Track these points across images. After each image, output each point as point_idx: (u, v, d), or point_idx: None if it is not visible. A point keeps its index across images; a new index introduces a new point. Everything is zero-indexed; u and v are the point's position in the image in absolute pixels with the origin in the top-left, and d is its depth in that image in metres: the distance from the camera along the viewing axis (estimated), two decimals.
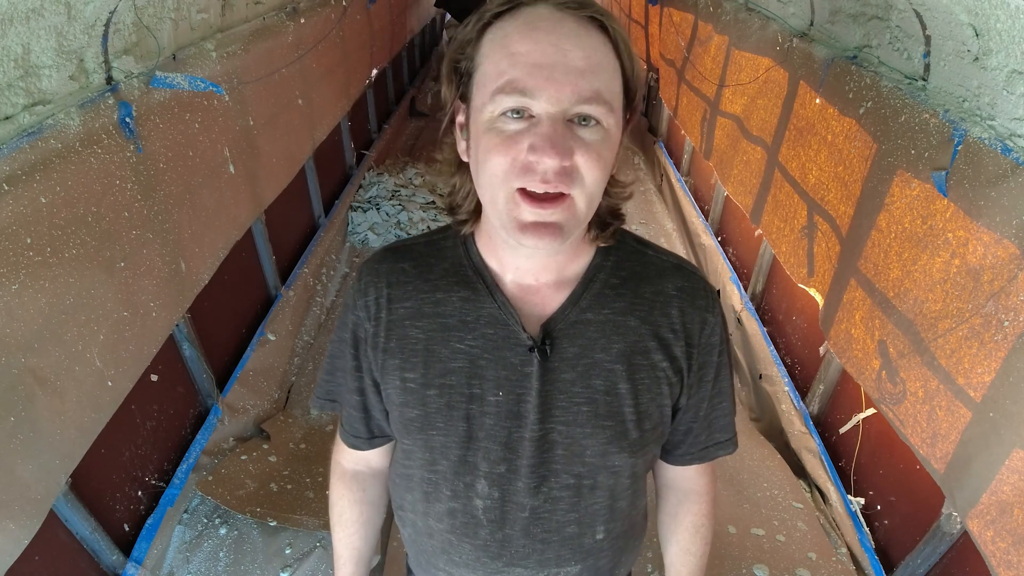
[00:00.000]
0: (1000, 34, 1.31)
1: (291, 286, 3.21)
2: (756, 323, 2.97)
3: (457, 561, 0.83)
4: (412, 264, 0.80)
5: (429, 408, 0.77)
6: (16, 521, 1.29)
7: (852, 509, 2.11)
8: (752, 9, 2.96)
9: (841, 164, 2.06)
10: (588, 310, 0.76)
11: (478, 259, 0.78)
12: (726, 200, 3.65)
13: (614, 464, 0.78)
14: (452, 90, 0.71)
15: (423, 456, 0.80)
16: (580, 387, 0.75)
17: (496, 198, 0.66)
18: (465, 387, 0.76)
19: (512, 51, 0.63)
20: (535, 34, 0.62)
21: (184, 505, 2.09)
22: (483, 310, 0.76)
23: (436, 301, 0.78)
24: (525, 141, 0.63)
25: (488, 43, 0.66)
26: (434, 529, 0.83)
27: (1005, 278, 1.33)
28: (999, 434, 1.33)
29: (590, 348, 0.75)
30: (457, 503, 0.80)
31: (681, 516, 0.94)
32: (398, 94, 6.42)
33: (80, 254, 1.49)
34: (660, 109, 5.27)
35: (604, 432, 0.76)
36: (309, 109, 3.24)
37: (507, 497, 0.78)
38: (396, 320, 0.78)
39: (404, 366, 0.78)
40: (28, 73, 1.37)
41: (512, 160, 0.63)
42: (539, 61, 0.62)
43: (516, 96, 0.62)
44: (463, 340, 0.76)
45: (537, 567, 0.82)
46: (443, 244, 0.81)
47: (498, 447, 0.76)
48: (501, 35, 0.65)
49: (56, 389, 1.41)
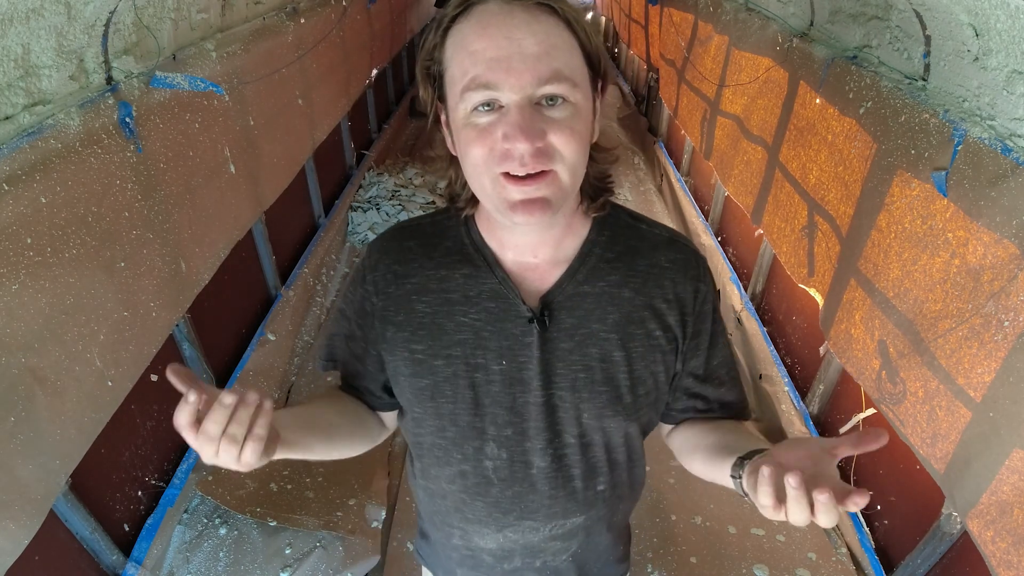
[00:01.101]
0: (1000, 34, 1.31)
1: (291, 286, 3.21)
2: (756, 323, 2.97)
3: (471, 518, 0.90)
4: (418, 243, 0.85)
5: (437, 377, 0.82)
6: (16, 521, 1.29)
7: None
8: (752, 9, 2.96)
9: (841, 164, 2.06)
10: (584, 283, 0.81)
11: (479, 238, 0.83)
12: (726, 200, 3.65)
13: (609, 426, 0.84)
14: (429, 92, 0.75)
15: (433, 423, 0.85)
16: (577, 355, 0.80)
17: (483, 184, 0.71)
18: (470, 357, 0.81)
19: (471, 50, 0.67)
20: (488, 31, 0.66)
21: (184, 505, 2.09)
22: (485, 285, 0.81)
23: (440, 278, 0.83)
24: (498, 131, 0.67)
25: (451, 46, 0.70)
26: (447, 491, 0.89)
27: (1005, 278, 1.33)
28: (999, 434, 1.33)
29: (586, 319, 0.80)
30: (467, 465, 0.85)
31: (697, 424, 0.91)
32: (398, 94, 6.43)
33: (80, 254, 1.49)
34: (660, 109, 5.27)
35: (600, 397, 0.81)
36: (309, 109, 3.24)
37: (515, 457, 0.84)
38: (403, 295, 0.83)
39: (412, 338, 0.83)
40: (28, 73, 1.37)
41: (490, 149, 0.68)
42: (496, 55, 0.66)
43: (482, 91, 0.66)
44: (467, 314, 0.81)
45: (545, 520, 0.88)
46: (446, 224, 0.86)
47: (504, 412, 0.82)
48: (460, 37, 0.69)
49: (56, 389, 1.41)
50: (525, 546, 0.91)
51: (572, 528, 0.90)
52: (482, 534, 0.91)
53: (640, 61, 6.02)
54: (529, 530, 0.89)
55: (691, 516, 2.20)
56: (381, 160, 5.13)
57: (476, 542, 0.92)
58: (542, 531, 0.89)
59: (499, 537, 0.90)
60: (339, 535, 2.03)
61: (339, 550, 1.99)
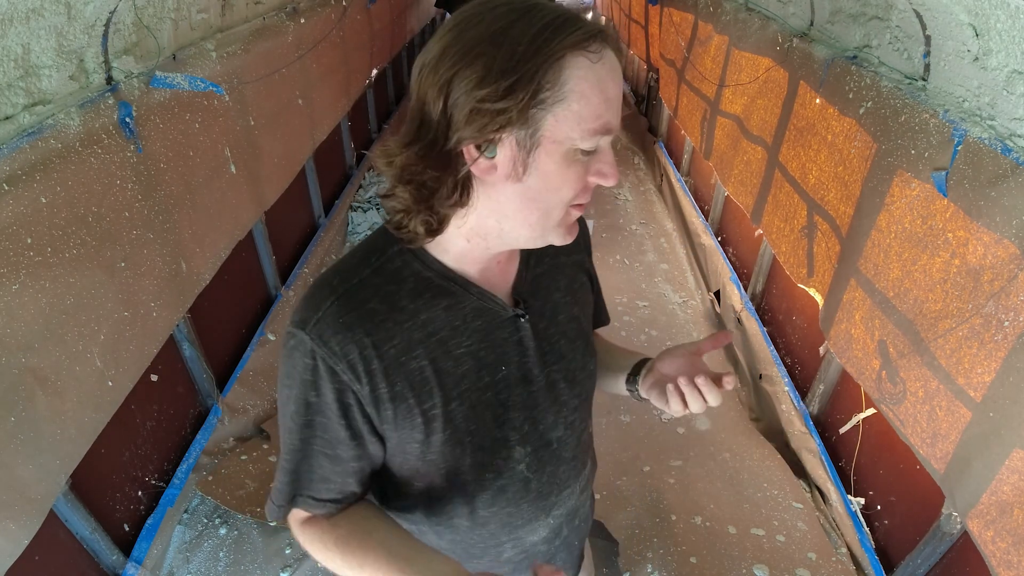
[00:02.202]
0: (1000, 34, 1.31)
1: (291, 286, 3.21)
2: (756, 323, 2.97)
3: (519, 524, 0.91)
4: (377, 300, 0.75)
5: (456, 420, 0.79)
6: (16, 521, 1.29)
7: (852, 509, 2.11)
8: (752, 9, 2.96)
9: (841, 164, 2.06)
10: (536, 266, 0.88)
11: (440, 267, 0.77)
12: (726, 200, 3.65)
13: (590, 365, 0.94)
14: (513, 102, 0.63)
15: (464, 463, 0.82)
16: (554, 328, 0.88)
17: (552, 215, 0.72)
18: (477, 381, 0.81)
19: (608, 96, 0.67)
20: (613, 75, 0.68)
21: (184, 505, 2.09)
22: (467, 308, 0.80)
23: (422, 323, 0.76)
24: (593, 166, 0.71)
25: (576, 78, 0.64)
26: (486, 517, 0.89)
27: (1005, 278, 1.33)
28: (999, 434, 1.33)
29: (549, 294, 0.89)
30: (503, 479, 0.87)
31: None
32: (398, 94, 6.43)
33: (80, 254, 1.49)
34: (660, 109, 5.27)
35: (579, 349, 0.91)
36: (309, 109, 3.24)
37: (538, 445, 0.88)
38: (391, 362, 0.74)
39: (419, 399, 0.76)
40: (28, 73, 1.37)
41: (583, 184, 0.71)
42: (613, 102, 0.69)
43: (606, 137, 0.69)
44: (460, 344, 0.79)
45: (574, 479, 0.96)
46: (391, 267, 0.77)
47: (518, 412, 0.85)
48: (595, 77, 0.66)
49: (56, 389, 1.41)
50: (567, 514, 0.97)
51: (588, 472, 1.01)
52: (534, 529, 0.94)
53: (640, 61, 6.02)
54: (568, 497, 0.96)
55: (691, 516, 2.20)
56: None
57: (530, 540, 0.95)
58: (575, 491, 0.97)
59: (549, 521, 0.95)
60: None
61: None
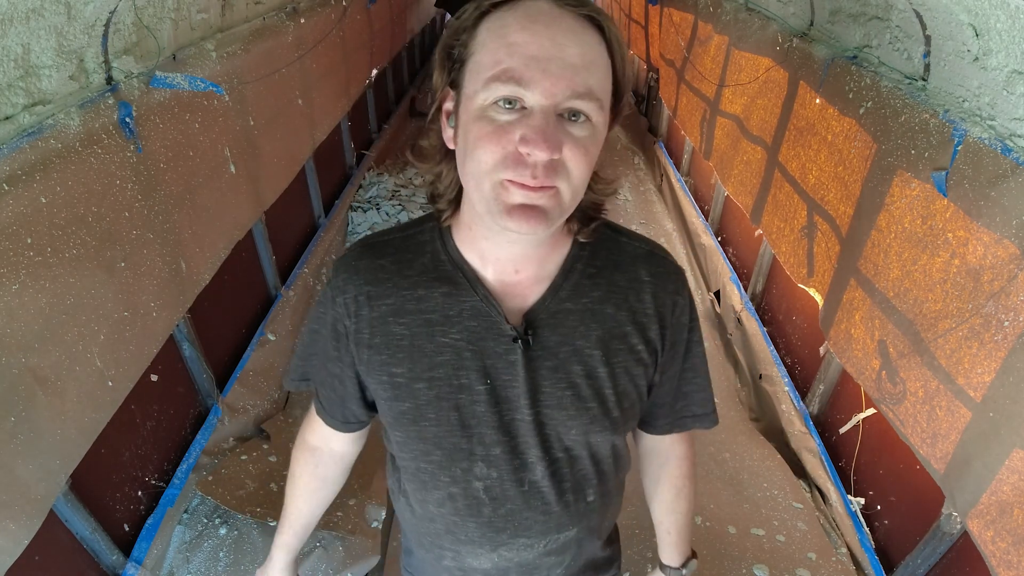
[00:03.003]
0: (1000, 34, 1.31)
1: (291, 286, 3.21)
2: (756, 323, 2.97)
3: (463, 539, 0.87)
4: (391, 260, 0.81)
5: (419, 400, 0.79)
6: (16, 521, 1.29)
7: (852, 509, 2.11)
8: (752, 9, 2.96)
9: (841, 164, 2.06)
10: (567, 300, 0.79)
11: (457, 254, 0.80)
12: (726, 200, 3.65)
13: (596, 440, 0.83)
14: (443, 76, 0.71)
15: (417, 447, 0.83)
16: (562, 373, 0.79)
17: (482, 186, 0.67)
18: (453, 378, 0.78)
19: (510, 41, 0.64)
20: (534, 26, 0.63)
21: (184, 505, 2.09)
22: (465, 304, 0.78)
23: (418, 298, 0.79)
24: (516, 132, 0.63)
25: (485, 31, 0.66)
26: (435, 514, 0.87)
27: (1005, 278, 1.33)
28: (999, 434, 1.33)
29: (570, 335, 0.79)
30: (456, 488, 0.83)
31: (663, 479, 1.01)
32: (398, 94, 6.42)
33: (80, 254, 1.49)
34: (660, 109, 5.27)
35: (587, 413, 0.80)
36: (309, 109, 3.24)
37: (505, 476, 0.82)
38: (379, 317, 0.80)
39: (390, 362, 0.80)
40: (28, 73, 1.37)
41: (503, 150, 0.64)
42: (536, 53, 0.63)
43: (511, 85, 0.63)
44: (447, 334, 0.78)
45: (540, 536, 0.86)
46: (419, 239, 0.82)
47: (492, 431, 0.80)
48: (499, 24, 0.65)
49: (56, 389, 1.41)
50: (520, 564, 0.89)
51: (566, 542, 0.89)
52: (476, 555, 0.88)
53: (640, 61, 6.02)
54: (524, 547, 0.87)
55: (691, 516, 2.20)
56: (381, 160, 5.13)
57: (469, 563, 0.90)
58: (537, 547, 0.88)
59: (494, 557, 0.88)
60: (339, 535, 2.03)
61: (339, 550, 1.99)
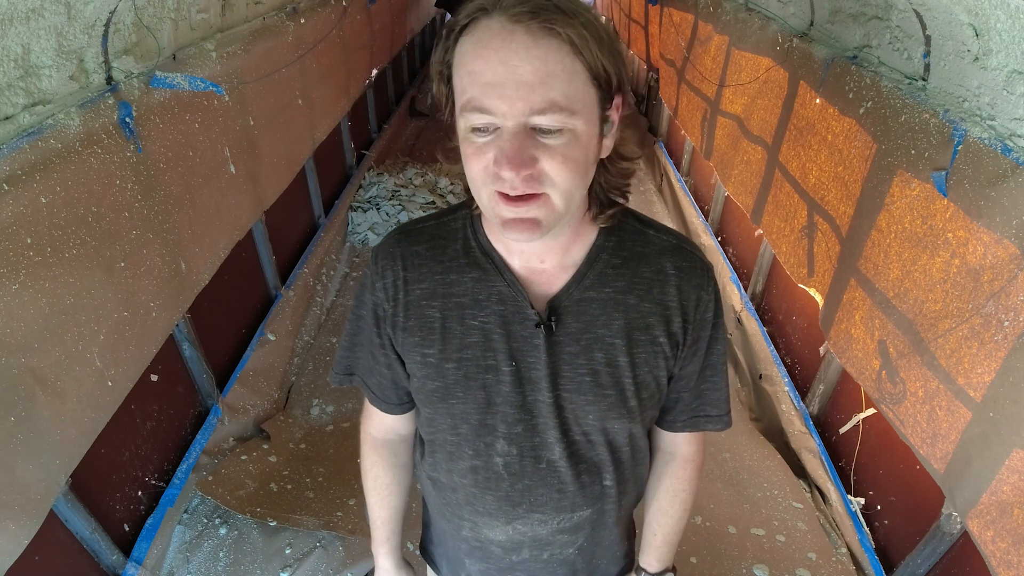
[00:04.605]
0: (1000, 34, 1.31)
1: (291, 286, 3.21)
2: (756, 323, 2.97)
3: (481, 511, 0.92)
4: (426, 247, 0.86)
5: (448, 380, 0.84)
6: (16, 521, 1.29)
7: (852, 509, 2.11)
8: (752, 9, 2.96)
9: (841, 164, 2.06)
10: (591, 289, 0.82)
11: (486, 242, 0.84)
12: (726, 200, 3.65)
13: (613, 427, 0.86)
14: (444, 91, 0.75)
15: (445, 422, 0.88)
16: (583, 359, 0.82)
17: (480, 196, 0.73)
18: (480, 359, 0.83)
19: (470, 70, 0.66)
20: (485, 52, 0.65)
21: (184, 505, 2.09)
22: (493, 289, 0.83)
23: (450, 282, 0.84)
24: (490, 153, 0.68)
25: (456, 57, 0.69)
26: (458, 484, 0.92)
27: (1005, 278, 1.33)
28: (999, 434, 1.33)
29: (592, 324, 0.82)
30: (479, 460, 0.88)
31: (664, 478, 1.01)
32: (398, 94, 6.43)
33: (80, 254, 1.49)
34: (660, 109, 5.27)
35: (605, 400, 0.83)
36: (309, 109, 3.24)
37: (524, 453, 0.86)
38: (413, 300, 0.85)
39: (423, 343, 0.85)
40: (28, 73, 1.37)
41: (485, 168, 0.69)
42: (491, 80, 0.65)
43: (477, 114, 0.67)
44: (476, 317, 0.83)
45: (554, 513, 0.91)
46: (453, 226, 0.87)
47: (514, 410, 0.84)
48: (462, 52, 0.68)
49: (56, 389, 1.41)
50: (533, 538, 0.94)
51: (579, 521, 0.93)
52: (492, 526, 0.93)
53: (640, 61, 6.02)
54: (538, 523, 0.91)
55: (691, 516, 2.20)
56: (381, 160, 5.13)
57: (486, 534, 0.95)
58: (550, 524, 0.92)
59: (508, 529, 0.93)
60: (339, 535, 2.03)
61: (339, 550, 1.99)
